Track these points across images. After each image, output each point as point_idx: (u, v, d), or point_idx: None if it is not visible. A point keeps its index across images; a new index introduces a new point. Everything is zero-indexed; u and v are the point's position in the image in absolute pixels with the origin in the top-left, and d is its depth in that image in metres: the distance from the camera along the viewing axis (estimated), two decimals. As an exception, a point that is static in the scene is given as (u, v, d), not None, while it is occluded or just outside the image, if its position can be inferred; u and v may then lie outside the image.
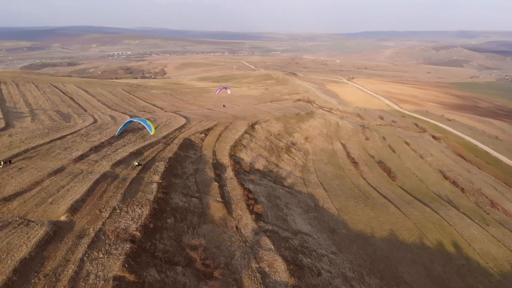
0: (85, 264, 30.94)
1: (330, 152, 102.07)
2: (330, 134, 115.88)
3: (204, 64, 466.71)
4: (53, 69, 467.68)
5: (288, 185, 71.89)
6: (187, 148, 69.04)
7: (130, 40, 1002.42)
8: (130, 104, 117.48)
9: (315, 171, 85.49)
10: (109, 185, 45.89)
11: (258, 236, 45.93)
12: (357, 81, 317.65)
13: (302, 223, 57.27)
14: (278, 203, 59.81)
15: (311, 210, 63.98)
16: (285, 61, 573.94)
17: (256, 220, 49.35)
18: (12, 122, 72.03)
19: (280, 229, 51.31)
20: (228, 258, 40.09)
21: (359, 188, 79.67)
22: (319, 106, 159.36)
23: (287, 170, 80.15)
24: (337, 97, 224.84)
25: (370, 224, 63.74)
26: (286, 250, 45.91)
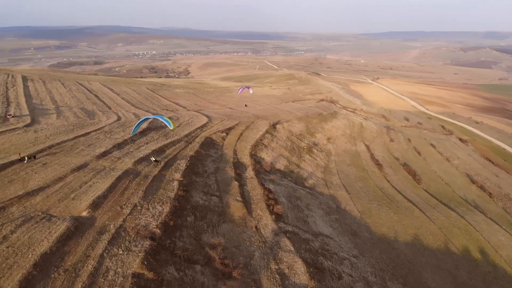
0: (105, 260, 31.13)
1: (353, 153, 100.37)
2: (354, 135, 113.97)
3: (227, 64, 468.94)
4: (80, 67, 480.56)
5: (309, 186, 70.99)
6: (208, 146, 69.15)
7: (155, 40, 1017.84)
8: (154, 103, 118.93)
9: (337, 172, 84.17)
10: (131, 182, 46.32)
11: (278, 237, 45.39)
12: (382, 82, 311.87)
13: (323, 225, 56.37)
14: (299, 204, 59.06)
15: (333, 212, 62.93)
16: (308, 61, 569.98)
17: (276, 221, 48.82)
18: (38, 118, 73.95)
19: (301, 230, 50.62)
20: (247, 258, 39.71)
21: (383, 190, 77.92)
22: (342, 106, 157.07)
23: (309, 171, 79.21)
24: (361, 97, 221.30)
25: (393, 227, 62.23)
26: (306, 252, 45.21)
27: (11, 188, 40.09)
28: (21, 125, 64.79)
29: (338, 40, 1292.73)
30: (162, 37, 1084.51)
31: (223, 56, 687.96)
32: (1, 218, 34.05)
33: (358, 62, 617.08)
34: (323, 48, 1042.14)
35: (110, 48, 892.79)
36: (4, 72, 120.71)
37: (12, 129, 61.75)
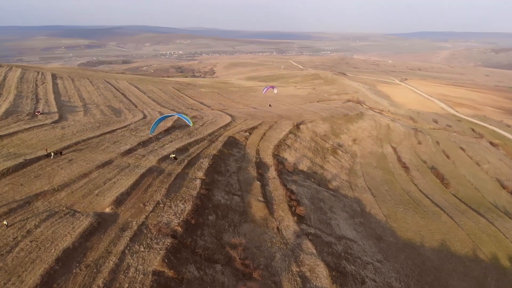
0: (126, 257, 31.27)
1: (379, 155, 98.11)
2: (380, 137, 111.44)
3: (252, 64, 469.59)
4: (108, 66, 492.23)
5: (333, 188, 69.76)
6: (231, 146, 69.01)
7: (182, 40, 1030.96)
8: (179, 102, 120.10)
9: (362, 174, 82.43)
10: (154, 180, 46.63)
11: (300, 239, 44.61)
12: (410, 83, 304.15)
13: (346, 228, 55.20)
14: (322, 206, 58.03)
15: (357, 215, 61.58)
16: (334, 60, 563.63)
17: (298, 222, 48.04)
18: (65, 115, 75.83)
19: (323, 233, 49.64)
20: (268, 259, 39.18)
21: (410, 194, 75.72)
22: (369, 107, 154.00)
23: (333, 172, 77.87)
24: (388, 98, 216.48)
25: (419, 232, 60.33)
26: (328, 255, 44.27)
27: (37, 183, 41.03)
28: (49, 122, 66.54)
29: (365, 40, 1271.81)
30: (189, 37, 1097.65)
31: (249, 56, 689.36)
32: (26, 212, 34.86)
33: (386, 63, 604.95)
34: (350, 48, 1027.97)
35: (138, 47, 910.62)
36: (34, 70, 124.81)
37: (40, 125, 63.48)
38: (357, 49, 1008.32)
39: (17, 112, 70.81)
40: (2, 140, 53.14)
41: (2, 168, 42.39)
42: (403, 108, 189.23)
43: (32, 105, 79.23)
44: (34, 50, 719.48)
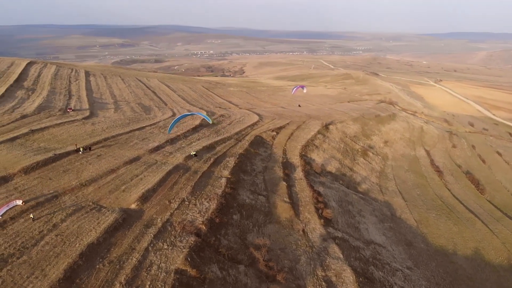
0: (149, 254, 31.06)
1: (412, 158, 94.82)
2: (413, 139, 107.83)
3: (282, 64, 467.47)
4: (141, 65, 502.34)
5: (363, 191, 67.72)
6: (258, 145, 68.29)
7: (213, 40, 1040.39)
8: (208, 100, 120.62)
9: (393, 178, 79.79)
10: (181, 177, 46.60)
11: (326, 242, 43.25)
12: (445, 84, 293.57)
13: (375, 233, 53.35)
14: (350, 210, 56.31)
15: (387, 220, 59.44)
16: (366, 60, 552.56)
17: (324, 225, 46.67)
18: (96, 111, 77.48)
19: (351, 237, 48.06)
20: (292, 262, 38.12)
21: (443, 199, 72.62)
22: (402, 108, 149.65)
23: (362, 175, 75.70)
24: (422, 99, 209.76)
25: (452, 240, 57.74)
26: (356, 260, 42.72)
27: (65, 177, 41.69)
28: (80, 117, 68.08)
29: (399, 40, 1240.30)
30: (219, 36, 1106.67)
31: (278, 55, 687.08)
32: (53, 206, 35.35)
33: (420, 63, 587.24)
34: (383, 48, 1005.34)
35: (170, 47, 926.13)
36: (68, 67, 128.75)
37: (71, 120, 65.01)
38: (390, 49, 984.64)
39: (49, 108, 72.90)
40: (34, 135, 54.66)
41: (32, 162, 43.39)
42: (437, 110, 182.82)
43: (65, 101, 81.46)
44: (70, 48, 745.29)
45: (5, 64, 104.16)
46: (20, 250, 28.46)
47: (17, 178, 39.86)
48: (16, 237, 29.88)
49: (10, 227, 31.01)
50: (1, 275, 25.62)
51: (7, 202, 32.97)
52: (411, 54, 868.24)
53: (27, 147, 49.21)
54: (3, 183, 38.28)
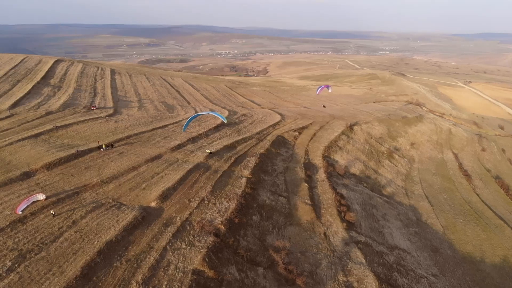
0: (167, 253, 30.68)
1: (439, 161, 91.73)
2: (441, 142, 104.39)
3: (306, 63, 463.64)
4: (166, 64, 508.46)
5: (387, 194, 65.76)
6: (279, 145, 67.29)
7: (238, 39, 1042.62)
8: (231, 100, 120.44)
9: (420, 181, 77.37)
10: (201, 176, 46.23)
11: (349, 247, 41.96)
12: (475, 86, 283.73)
13: (400, 238, 51.66)
14: (374, 213, 54.66)
15: (412, 225, 57.51)
16: (393, 61, 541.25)
17: (347, 229, 45.35)
18: (120, 109, 78.26)
19: (374, 242, 46.60)
20: (313, 266, 37.07)
21: (471, 204, 69.90)
22: (429, 110, 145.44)
23: (387, 177, 73.56)
24: (450, 101, 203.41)
25: (480, 246, 55.54)
26: (379, 266, 41.32)
27: (87, 174, 41.92)
28: (103, 115, 68.84)
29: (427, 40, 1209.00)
30: (244, 36, 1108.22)
31: (303, 55, 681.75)
32: (74, 203, 35.45)
33: (449, 64, 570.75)
34: (410, 48, 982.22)
35: (195, 46, 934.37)
36: (94, 65, 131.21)
37: (94, 118, 65.75)
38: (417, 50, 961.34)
39: (74, 105, 74.11)
40: (58, 131, 55.49)
41: (54, 158, 43.88)
42: (466, 112, 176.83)
43: (90, 99, 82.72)
44: (98, 47, 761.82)
45: (33, 61, 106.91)
46: (39, 246, 28.55)
47: (40, 174, 40.34)
48: (36, 233, 30.04)
49: (30, 222, 31.24)
50: (19, 271, 25.71)
51: (27, 197, 33.21)
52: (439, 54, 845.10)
53: (50, 143, 49.94)
54: (26, 178, 38.79)
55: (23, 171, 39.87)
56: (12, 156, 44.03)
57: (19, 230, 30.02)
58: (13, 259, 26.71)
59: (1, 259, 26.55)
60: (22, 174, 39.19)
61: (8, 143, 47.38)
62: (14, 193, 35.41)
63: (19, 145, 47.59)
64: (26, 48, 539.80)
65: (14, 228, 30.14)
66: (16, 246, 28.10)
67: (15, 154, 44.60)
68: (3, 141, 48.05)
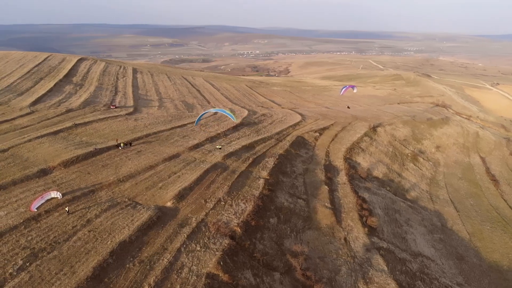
0: (181, 255, 29.86)
1: (465, 165, 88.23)
2: (467, 145, 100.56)
3: (328, 63, 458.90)
4: (189, 64, 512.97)
5: (411, 199, 63.42)
6: (299, 146, 65.82)
7: (260, 40, 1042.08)
8: (250, 99, 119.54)
9: (445, 186, 74.56)
10: (218, 176, 45.40)
11: (370, 253, 40.23)
12: (503, 88, 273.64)
13: (424, 245, 49.62)
14: (397, 218, 52.61)
15: (437, 231, 55.29)
16: (418, 61, 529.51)
17: (368, 235, 43.58)
18: (140, 108, 78.45)
19: (397, 248, 44.70)
20: (332, 272, 35.59)
21: (498, 211, 66.90)
22: (455, 112, 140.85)
23: (412, 181, 71.04)
24: (477, 103, 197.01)
25: (507, 255, 52.99)
26: (401, 274, 39.53)
27: (104, 172, 41.62)
28: (123, 113, 68.99)
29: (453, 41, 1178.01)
30: (266, 36, 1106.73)
31: (325, 55, 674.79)
32: (89, 201, 35.08)
33: (475, 66, 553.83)
34: (436, 49, 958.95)
35: (217, 47, 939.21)
36: (117, 64, 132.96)
37: (114, 116, 65.93)
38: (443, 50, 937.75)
39: (95, 103, 74.69)
40: (77, 129, 55.76)
41: (72, 155, 43.84)
42: (493, 115, 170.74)
43: (111, 97, 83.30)
44: (122, 47, 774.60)
45: (57, 60, 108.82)
46: (52, 245, 28.17)
47: (57, 171, 40.30)
48: (49, 231, 29.72)
49: (44, 220, 30.97)
50: (30, 270, 25.33)
51: (43, 194, 32.95)
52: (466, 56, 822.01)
53: (69, 140, 50.12)
54: (42, 175, 38.77)
55: (40, 168, 39.92)
56: (30, 153, 44.28)
57: (32, 228, 29.77)
58: (25, 257, 26.40)
59: (13, 258, 26.27)
60: (39, 171, 39.21)
61: (27, 140, 47.78)
62: (30, 190, 35.38)
63: (38, 142, 47.93)
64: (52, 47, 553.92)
65: (28, 226, 29.92)
66: (29, 245, 27.79)
67: (33, 151, 44.83)
68: (22, 138, 48.55)
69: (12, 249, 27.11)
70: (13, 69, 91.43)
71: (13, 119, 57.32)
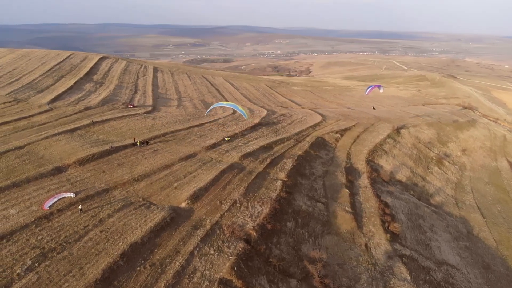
0: (194, 259, 28.84)
1: (492, 170, 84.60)
2: (495, 149, 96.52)
3: (351, 63, 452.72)
4: (210, 64, 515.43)
5: (436, 204, 60.86)
6: (319, 147, 64.01)
7: (281, 40, 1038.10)
8: (270, 99, 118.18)
9: (471, 191, 71.56)
10: (234, 177, 44.30)
11: (392, 260, 38.39)
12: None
13: (449, 253, 47.38)
14: (421, 224, 50.40)
15: (462, 238, 52.86)
16: (443, 62, 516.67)
17: (391, 241, 41.67)
18: (158, 106, 78.27)
19: (420, 256, 42.72)
20: (351, 280, 33.98)
21: (527, 218, 63.55)
22: (482, 114, 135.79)
23: (436, 185, 68.28)
24: (505, 106, 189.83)
25: (537, 265, 50.02)
26: (425, 283, 37.91)
27: (119, 171, 41.08)
28: (141, 112, 68.74)
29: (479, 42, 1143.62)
30: (287, 36, 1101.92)
31: (348, 55, 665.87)
32: (103, 200, 34.47)
33: (503, 67, 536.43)
34: (461, 50, 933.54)
35: (239, 47, 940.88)
36: (138, 63, 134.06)
37: (132, 114, 65.78)
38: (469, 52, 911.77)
39: (113, 101, 74.85)
40: (94, 126, 55.69)
41: (88, 153, 43.52)
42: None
43: (130, 95, 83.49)
44: (145, 47, 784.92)
45: (79, 58, 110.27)
46: (62, 245, 27.58)
47: (71, 169, 39.99)
48: (60, 230, 29.17)
49: (56, 219, 30.47)
50: (38, 271, 24.75)
51: (57, 193, 32.49)
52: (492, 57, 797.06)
53: (85, 138, 49.96)
54: (57, 173, 38.49)
55: (55, 166, 39.69)
56: (46, 150, 44.20)
57: (43, 227, 29.29)
58: (33, 257, 25.87)
59: (22, 258, 25.79)
60: (54, 169, 38.97)
61: (44, 137, 47.84)
62: (44, 188, 35.08)
63: (54, 139, 47.92)
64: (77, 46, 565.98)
65: (39, 225, 29.47)
66: (39, 244, 27.29)
67: (49, 149, 44.75)
68: (39, 135, 48.67)
69: (21, 249, 26.65)
70: (35, 66, 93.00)
71: (31, 116, 57.79)
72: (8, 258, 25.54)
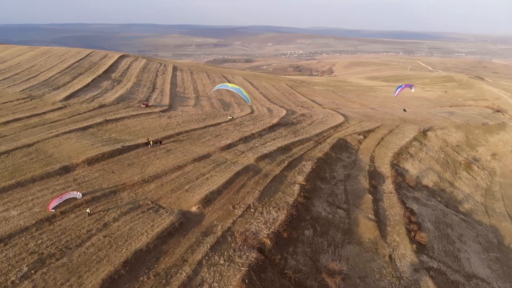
0: (202, 269, 26.72)
1: (525, 176, 79.73)
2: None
3: (374, 64, 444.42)
4: (232, 64, 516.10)
5: (465, 212, 57.39)
6: (341, 149, 61.07)
7: (303, 40, 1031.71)
8: (290, 99, 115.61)
9: (502, 198, 68.11)
10: (249, 180, 42.05)
11: (418, 273, 35.63)
12: None
13: (479, 265, 44.45)
14: (449, 234, 47.25)
15: (493, 249, 49.70)
16: (470, 63, 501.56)
17: (417, 252, 38.79)
18: (175, 105, 76.94)
19: (449, 268, 39.89)
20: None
21: (561, 227, 59.17)
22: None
23: (465, 192, 64.50)
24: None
25: None
26: (455, 300, 34.41)
27: (129, 171, 39.43)
28: (157, 110, 67.31)
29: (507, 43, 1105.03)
30: (309, 36, 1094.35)
31: (371, 55, 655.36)
32: (109, 203, 32.77)
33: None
34: (488, 51, 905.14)
35: (260, 47, 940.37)
36: (157, 62, 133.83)
37: (147, 113, 64.44)
38: (497, 53, 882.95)
39: (130, 99, 73.94)
40: (107, 125, 54.46)
41: (97, 152, 42.12)
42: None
43: (147, 94, 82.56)
44: (168, 46, 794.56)
45: (99, 56, 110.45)
46: (62, 250, 25.94)
47: (79, 169, 38.60)
48: (62, 234, 27.58)
49: (59, 222, 28.94)
50: (34, 279, 23.16)
51: (63, 193, 30.89)
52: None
53: (97, 137, 48.71)
54: (64, 173, 37.15)
55: (63, 165, 38.37)
56: (55, 148, 43.01)
57: (44, 231, 27.76)
58: (30, 264, 24.29)
59: (18, 264, 24.25)
60: (61, 169, 37.63)
61: (54, 135, 46.79)
62: (49, 188, 33.71)
63: (65, 137, 46.78)
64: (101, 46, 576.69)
65: (40, 228, 27.96)
66: (37, 249, 25.71)
67: (59, 147, 43.56)
68: (50, 133, 47.72)
69: (19, 254, 25.16)
70: (54, 64, 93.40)
71: (43, 113, 57.23)
72: (3, 264, 24.07)
